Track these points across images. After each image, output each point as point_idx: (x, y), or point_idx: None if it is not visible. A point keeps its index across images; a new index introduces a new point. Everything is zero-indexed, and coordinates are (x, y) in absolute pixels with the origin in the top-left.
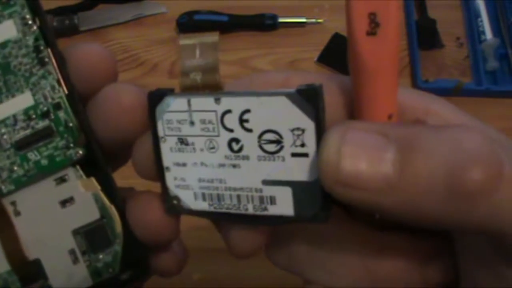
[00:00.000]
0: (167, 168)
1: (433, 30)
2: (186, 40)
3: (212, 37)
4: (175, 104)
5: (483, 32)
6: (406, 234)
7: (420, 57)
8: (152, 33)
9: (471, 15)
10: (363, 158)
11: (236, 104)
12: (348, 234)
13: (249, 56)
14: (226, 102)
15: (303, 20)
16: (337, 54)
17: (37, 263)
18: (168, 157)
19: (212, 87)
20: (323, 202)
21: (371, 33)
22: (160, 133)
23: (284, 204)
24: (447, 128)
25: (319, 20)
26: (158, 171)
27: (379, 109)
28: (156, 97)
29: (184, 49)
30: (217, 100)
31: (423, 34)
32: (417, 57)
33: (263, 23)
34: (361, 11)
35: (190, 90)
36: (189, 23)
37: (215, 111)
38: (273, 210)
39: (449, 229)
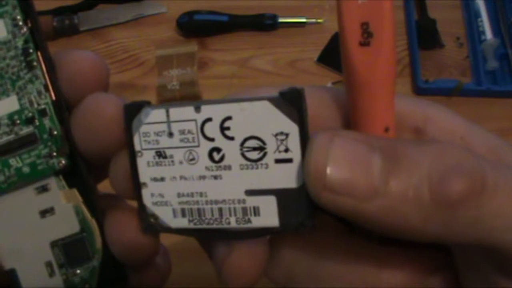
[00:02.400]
0: (144, 184)
1: (433, 30)
2: (162, 52)
3: (190, 48)
4: (152, 115)
5: (483, 32)
6: (406, 248)
7: (420, 57)
8: (152, 33)
9: (471, 15)
10: (350, 164)
11: (217, 111)
12: (347, 249)
13: (249, 56)
14: (207, 110)
15: (303, 20)
16: (337, 54)
17: (12, 273)
18: (145, 173)
19: (191, 98)
20: (309, 209)
21: (364, 43)
22: (137, 147)
23: (268, 215)
24: (431, 142)
25: (319, 20)
26: (134, 188)
27: (375, 122)
28: (132, 110)
29: (160, 60)
30: (197, 109)
31: (423, 34)
32: (417, 57)
33: (263, 23)
34: (353, 20)
35: (168, 101)
36: (189, 23)
37: (195, 120)
38: (257, 222)
39: (433, 241)
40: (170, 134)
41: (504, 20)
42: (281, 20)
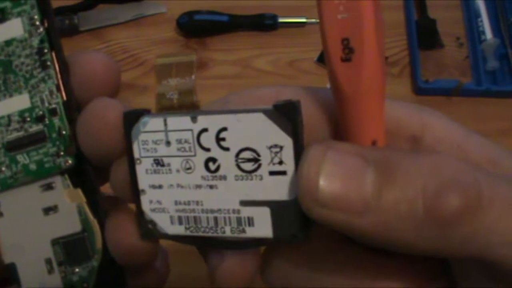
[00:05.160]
0: (143, 191)
1: (433, 30)
2: (162, 60)
3: (189, 57)
4: (151, 124)
5: (483, 32)
6: (402, 258)
7: (420, 57)
8: (152, 33)
9: (471, 15)
10: (342, 179)
11: (213, 122)
12: (343, 258)
13: (249, 56)
14: (203, 121)
15: (303, 20)
16: None
17: (12, 267)
18: (144, 180)
19: (189, 107)
20: (302, 222)
21: (346, 59)
22: (136, 154)
23: (262, 225)
24: (426, 154)
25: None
26: (133, 195)
27: (361, 134)
28: (131, 118)
29: (160, 69)
30: (194, 119)
31: (423, 34)
32: (417, 57)
33: (263, 23)
34: (334, 36)
35: (166, 110)
36: (189, 23)
37: (191, 130)
38: (251, 232)
39: (428, 255)
40: (168, 143)
41: (504, 20)
42: (281, 20)
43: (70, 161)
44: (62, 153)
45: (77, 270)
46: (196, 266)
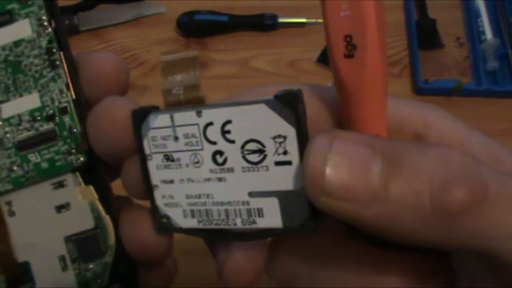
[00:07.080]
0: (156, 186)
1: (433, 30)
2: (166, 57)
3: (192, 53)
4: (158, 121)
5: (483, 32)
6: (406, 252)
7: (420, 57)
8: (152, 33)
9: (471, 15)
10: (349, 169)
11: (217, 115)
12: (346, 252)
13: (249, 56)
14: (207, 114)
15: (303, 20)
16: None
17: (26, 266)
18: (156, 175)
19: (195, 102)
20: (311, 211)
21: (349, 55)
22: (146, 151)
23: (272, 216)
24: (434, 146)
25: (319, 20)
26: (147, 190)
27: (364, 131)
28: (140, 115)
29: (165, 66)
30: (199, 113)
31: (423, 34)
32: (417, 57)
33: (263, 23)
34: (337, 32)
35: (173, 106)
36: (189, 23)
37: (197, 124)
38: (261, 223)
39: (431, 247)
40: (176, 138)
41: (504, 20)
42: (281, 20)
43: (81, 159)
44: (73, 151)
45: (91, 266)
46: (200, 266)
